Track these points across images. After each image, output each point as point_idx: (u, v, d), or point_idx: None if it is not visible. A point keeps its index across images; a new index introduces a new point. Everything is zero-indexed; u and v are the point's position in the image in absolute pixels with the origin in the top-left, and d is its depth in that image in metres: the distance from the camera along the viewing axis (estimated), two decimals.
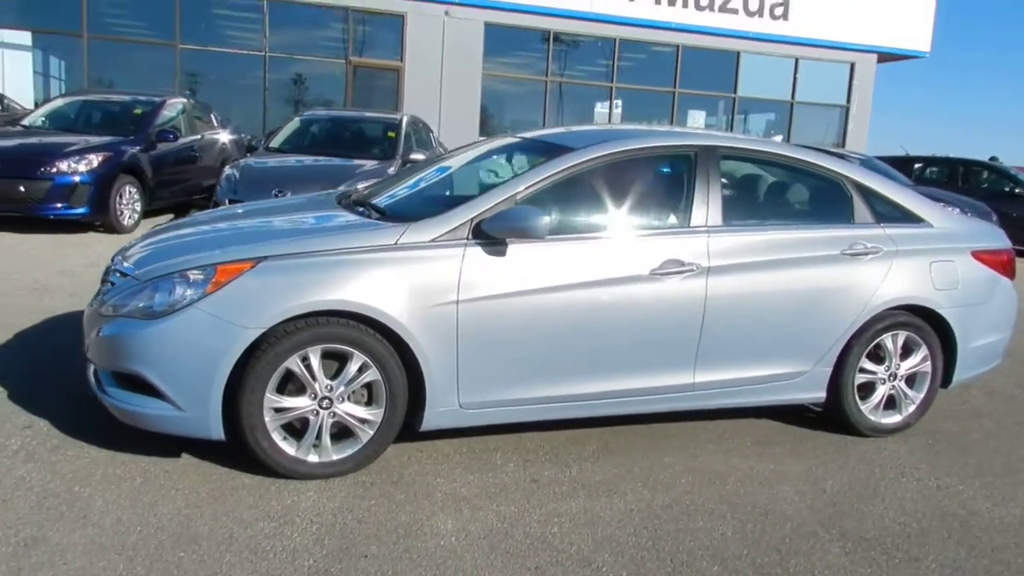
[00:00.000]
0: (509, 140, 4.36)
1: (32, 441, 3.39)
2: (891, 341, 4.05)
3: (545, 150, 3.79)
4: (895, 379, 4.11)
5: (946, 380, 4.25)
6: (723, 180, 3.83)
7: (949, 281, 4.09)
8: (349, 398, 3.23)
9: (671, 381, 3.67)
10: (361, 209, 3.76)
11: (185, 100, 11.20)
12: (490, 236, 3.30)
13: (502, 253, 3.33)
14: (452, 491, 3.22)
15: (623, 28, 18.12)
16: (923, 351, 4.13)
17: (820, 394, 4.01)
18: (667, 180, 3.86)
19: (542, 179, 3.49)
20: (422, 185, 4.19)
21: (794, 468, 3.69)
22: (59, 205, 8.48)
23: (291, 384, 3.16)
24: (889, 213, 4.12)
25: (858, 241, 3.93)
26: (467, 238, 3.31)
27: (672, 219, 3.72)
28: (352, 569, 2.62)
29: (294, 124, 9.92)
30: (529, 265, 3.37)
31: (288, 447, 3.18)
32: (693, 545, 2.93)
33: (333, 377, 3.19)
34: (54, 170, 8.46)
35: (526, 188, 3.45)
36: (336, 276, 3.11)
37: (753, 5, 18.97)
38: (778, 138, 19.39)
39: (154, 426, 3.12)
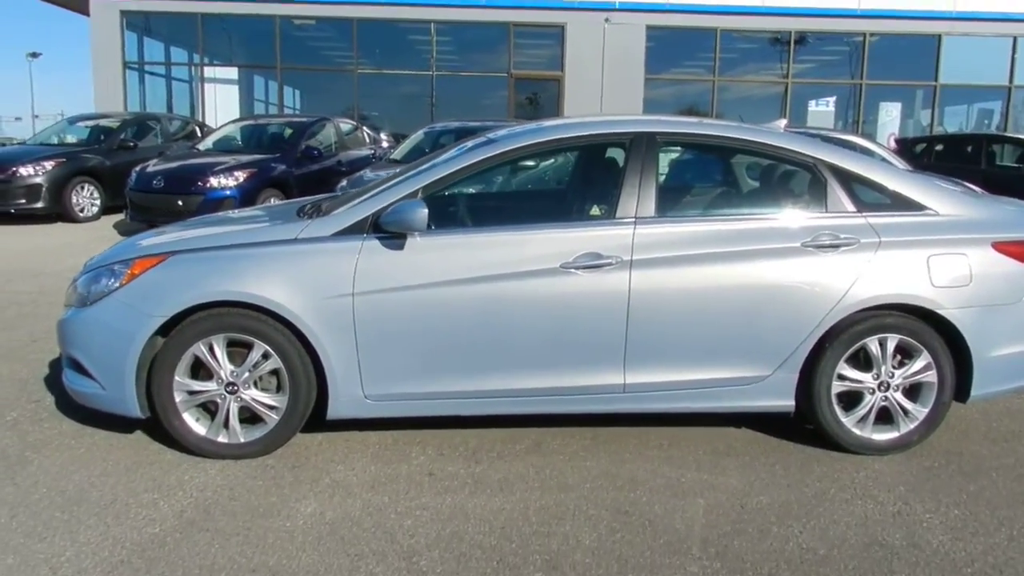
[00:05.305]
0: (480, 138, 4.35)
1: (28, 414, 3.93)
2: (877, 346, 3.54)
3: (476, 145, 3.76)
4: (887, 389, 3.59)
5: (963, 393, 3.63)
6: (668, 168, 3.58)
7: (955, 277, 3.50)
8: (256, 385, 3.43)
9: (597, 381, 3.49)
10: (306, 213, 3.90)
11: (335, 121, 12.16)
12: (386, 230, 3.36)
13: (400, 247, 3.36)
14: (342, 478, 3.31)
15: (799, 19, 17.04)
16: (924, 358, 3.56)
17: (787, 402, 3.60)
18: (595, 170, 3.69)
19: (449, 173, 3.49)
20: (379, 186, 4.29)
21: (730, 481, 3.35)
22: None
23: (204, 369, 3.42)
24: (878, 200, 3.61)
25: (825, 232, 3.49)
26: (366, 232, 3.39)
27: (595, 210, 3.55)
28: (186, 540, 2.80)
29: (418, 136, 10.43)
30: (430, 258, 3.37)
31: (200, 427, 3.43)
32: (536, 549, 2.78)
33: (241, 364, 3.40)
34: (206, 185, 9.60)
35: (433, 182, 3.47)
36: (232, 269, 3.32)
37: None
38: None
39: (90, 403, 3.51)
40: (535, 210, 3.53)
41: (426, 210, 3.26)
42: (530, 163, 4.59)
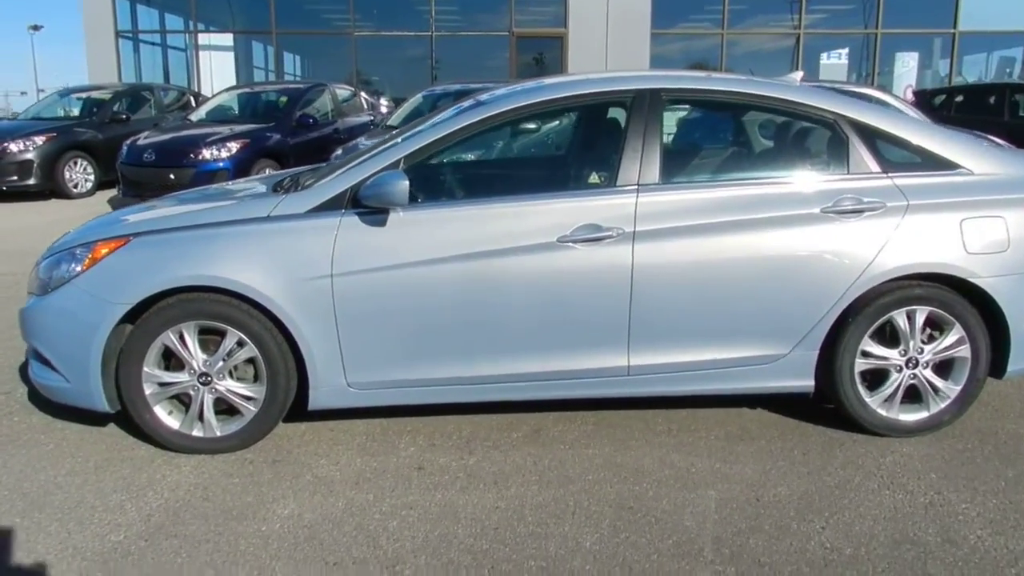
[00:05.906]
0: (468, 100, 4.03)
1: None
2: (905, 319, 3.25)
3: (464, 109, 3.45)
4: (916, 366, 3.30)
5: (998, 369, 3.35)
6: (674, 129, 3.27)
7: (991, 242, 3.20)
8: (231, 375, 3.18)
9: (599, 364, 3.22)
10: (283, 188, 3.60)
11: (332, 88, 11.76)
12: (366, 205, 3.07)
13: (382, 223, 3.08)
14: (325, 474, 3.07)
15: None
16: (957, 331, 3.27)
17: (806, 382, 3.32)
18: (594, 133, 3.37)
19: (433, 141, 3.19)
20: (359, 157, 3.98)
21: (745, 470, 3.09)
22: None
23: (175, 359, 3.17)
24: (905, 159, 3.29)
25: (847, 196, 3.18)
26: (344, 208, 3.11)
27: (594, 178, 3.24)
28: (151, 548, 2.57)
29: (416, 100, 10.04)
30: (414, 234, 3.09)
31: (173, 421, 3.19)
32: (531, 554, 2.54)
33: (215, 353, 3.15)
34: (198, 158, 9.30)
35: (415, 151, 3.17)
36: (200, 251, 3.05)
37: None
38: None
39: (56, 397, 3.28)
40: (529, 179, 3.23)
41: (407, 182, 2.97)
42: (525, 127, 4.27)
